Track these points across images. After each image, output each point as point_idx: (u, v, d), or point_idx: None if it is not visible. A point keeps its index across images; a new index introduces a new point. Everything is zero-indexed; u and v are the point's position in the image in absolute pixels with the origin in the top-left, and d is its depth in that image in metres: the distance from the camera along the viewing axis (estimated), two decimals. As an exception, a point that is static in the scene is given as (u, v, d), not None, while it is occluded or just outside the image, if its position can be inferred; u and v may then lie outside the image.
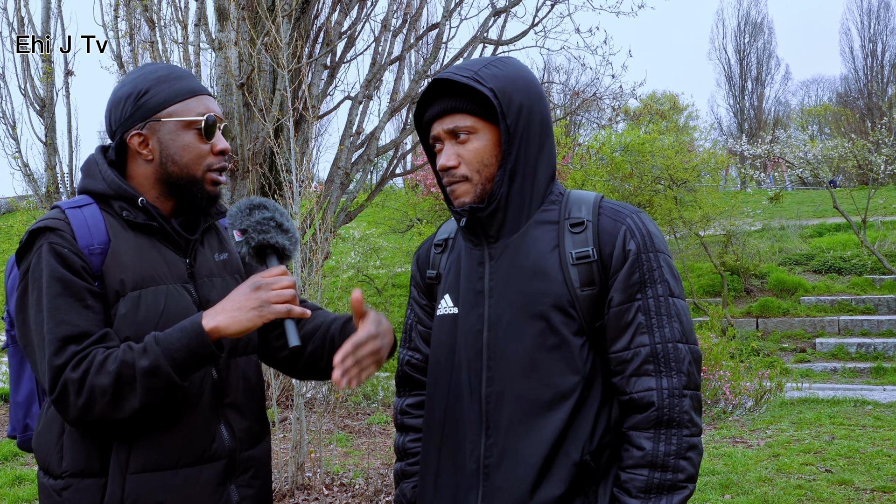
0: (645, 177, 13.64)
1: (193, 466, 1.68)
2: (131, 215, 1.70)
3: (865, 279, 13.06)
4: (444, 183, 1.68)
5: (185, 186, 1.74)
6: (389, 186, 14.98)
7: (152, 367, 1.54)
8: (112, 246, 1.66)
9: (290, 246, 1.68)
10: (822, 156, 15.19)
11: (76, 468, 1.63)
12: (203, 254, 1.81)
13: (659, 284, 1.58)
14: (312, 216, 5.20)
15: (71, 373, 1.54)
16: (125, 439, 1.62)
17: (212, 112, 1.76)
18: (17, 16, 6.30)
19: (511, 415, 1.60)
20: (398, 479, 1.87)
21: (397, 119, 15.69)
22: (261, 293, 1.59)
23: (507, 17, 6.47)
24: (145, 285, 1.66)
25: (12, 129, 6.45)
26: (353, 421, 7.47)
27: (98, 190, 1.72)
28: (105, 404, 1.54)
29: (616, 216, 1.63)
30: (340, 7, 5.92)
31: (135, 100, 1.73)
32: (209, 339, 1.57)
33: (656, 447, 1.54)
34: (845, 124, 30.70)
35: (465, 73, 1.61)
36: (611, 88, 14.14)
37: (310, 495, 4.77)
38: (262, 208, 1.67)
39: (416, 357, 1.86)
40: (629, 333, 1.58)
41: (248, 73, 5.06)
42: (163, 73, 1.76)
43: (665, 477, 1.53)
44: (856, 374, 10.32)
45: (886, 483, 4.89)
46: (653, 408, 1.54)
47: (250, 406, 1.82)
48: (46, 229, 1.64)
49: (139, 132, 1.73)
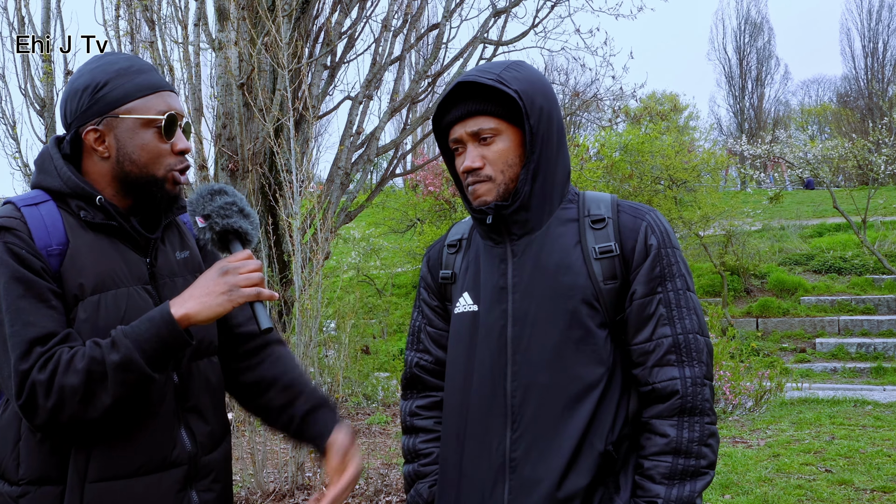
0: (645, 177, 13.65)
1: (154, 473, 1.62)
2: (89, 215, 1.62)
3: (865, 279, 13.06)
4: (467, 183, 1.71)
5: (144, 186, 1.67)
6: (389, 186, 14.99)
7: (123, 360, 1.49)
8: (70, 247, 1.59)
9: (252, 231, 1.66)
10: (822, 156, 15.19)
11: (34, 475, 1.57)
12: (164, 253, 1.75)
13: (678, 279, 1.65)
14: (313, 216, 5.20)
15: (38, 374, 1.48)
16: (83, 446, 1.57)
17: (173, 110, 1.68)
18: (18, 16, 6.30)
19: (537, 408, 1.63)
20: (411, 480, 1.87)
21: (397, 119, 15.69)
22: (229, 277, 1.56)
23: (508, 17, 6.48)
24: (105, 288, 1.60)
25: (12, 129, 6.46)
26: (353, 421, 7.48)
27: (54, 187, 1.64)
28: (76, 404, 1.48)
29: (636, 213, 1.70)
30: (340, 7, 5.92)
31: (91, 93, 1.64)
32: (180, 328, 1.52)
33: (680, 434, 1.59)
34: (845, 124, 30.72)
35: (489, 76, 1.65)
36: (611, 89, 14.14)
37: (310, 495, 4.76)
38: (223, 193, 1.64)
39: (425, 359, 1.87)
40: (651, 325, 1.63)
41: (249, 73, 5.06)
42: (122, 66, 1.67)
43: (689, 463, 1.58)
44: (856, 374, 10.32)
45: (886, 483, 4.89)
46: (676, 396, 1.59)
47: (211, 409, 1.76)
48: (2, 229, 1.56)
49: (95, 127, 1.64)
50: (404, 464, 1.90)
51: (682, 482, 1.58)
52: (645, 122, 17.80)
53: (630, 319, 1.65)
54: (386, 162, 11.54)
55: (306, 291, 4.73)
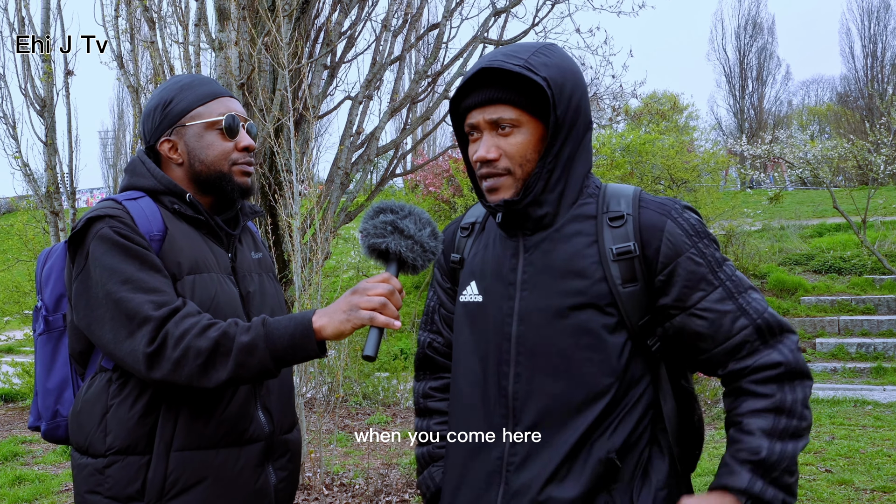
0: (645, 177, 13.65)
1: (233, 447, 1.73)
2: (181, 208, 1.78)
3: (865, 279, 13.05)
4: (481, 174, 1.61)
5: (215, 182, 1.81)
6: (389, 186, 14.98)
7: (250, 344, 1.58)
8: (169, 233, 1.73)
9: (405, 251, 1.58)
10: (821, 156, 15.18)
11: (122, 445, 1.66)
12: (242, 251, 1.90)
13: (723, 266, 1.55)
14: (312, 216, 5.19)
15: (173, 328, 1.58)
16: (170, 416, 1.67)
17: (232, 111, 1.84)
18: (18, 16, 6.30)
19: (539, 413, 1.56)
20: (424, 463, 1.84)
21: (397, 119, 15.70)
22: (354, 297, 1.59)
23: (508, 17, 6.47)
24: (199, 271, 1.73)
25: (12, 129, 6.45)
26: (353, 421, 7.47)
27: (147, 186, 1.80)
28: (196, 367, 1.57)
29: (660, 209, 1.57)
30: (340, 7, 5.91)
31: (162, 109, 1.83)
32: (313, 336, 1.59)
33: (783, 395, 1.49)
34: (845, 124, 30.70)
35: (516, 62, 1.52)
36: (611, 88, 14.12)
37: (310, 495, 4.76)
38: (387, 212, 1.61)
39: (438, 340, 1.84)
40: (724, 325, 1.52)
41: (249, 73, 5.06)
42: (185, 82, 1.86)
43: (791, 423, 1.48)
44: (856, 374, 10.31)
45: (886, 483, 4.88)
46: (781, 366, 1.50)
47: (284, 393, 1.88)
48: (105, 216, 1.69)
49: (168, 138, 1.83)
50: (417, 446, 1.87)
51: (784, 441, 1.47)
52: (645, 122, 17.80)
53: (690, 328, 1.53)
54: (386, 162, 11.54)
55: (306, 291, 4.73)
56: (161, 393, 1.68)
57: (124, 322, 1.59)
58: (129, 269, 1.63)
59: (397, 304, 1.59)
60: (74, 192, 6.55)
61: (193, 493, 1.67)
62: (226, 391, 1.71)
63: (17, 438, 7.33)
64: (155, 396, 1.68)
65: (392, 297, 1.57)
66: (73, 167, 6.46)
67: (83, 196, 31.73)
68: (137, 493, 1.65)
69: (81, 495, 1.71)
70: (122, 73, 5.73)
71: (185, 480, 1.67)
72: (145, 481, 1.65)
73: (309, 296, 4.74)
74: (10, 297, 14.33)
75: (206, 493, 1.68)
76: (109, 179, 41.73)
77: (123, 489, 1.65)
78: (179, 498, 1.66)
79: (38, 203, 6.44)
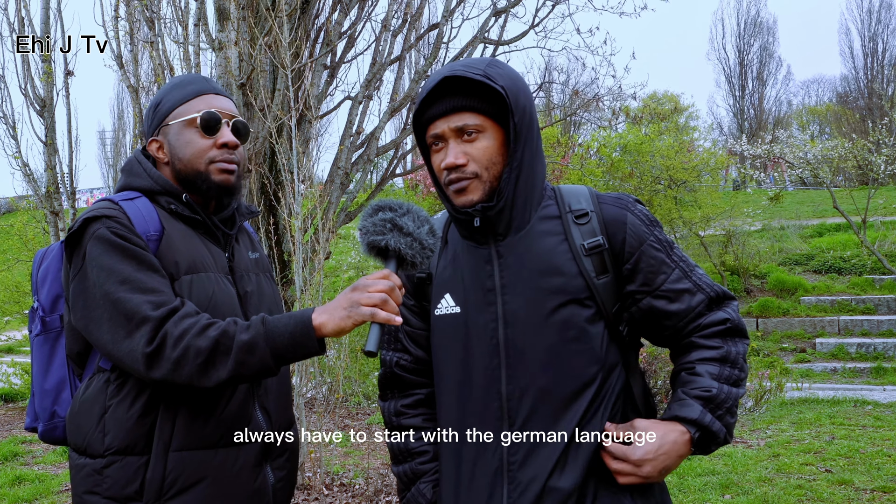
0: (645, 177, 13.65)
1: (232, 447, 1.72)
2: (178, 208, 1.78)
3: (865, 279, 13.05)
4: (447, 181, 1.66)
5: (193, 180, 1.80)
6: (389, 186, 14.98)
7: (250, 342, 1.58)
8: (166, 233, 1.73)
9: (404, 248, 1.58)
10: (822, 156, 15.18)
11: (120, 445, 1.66)
12: (239, 250, 1.90)
13: (674, 249, 1.71)
14: (313, 216, 5.19)
15: (172, 327, 1.58)
16: (169, 416, 1.67)
17: (212, 108, 1.81)
18: (18, 16, 6.29)
19: (534, 409, 1.62)
20: (409, 480, 1.81)
21: (397, 119, 15.70)
22: (355, 294, 1.58)
23: (508, 17, 6.46)
24: (196, 271, 1.73)
25: (12, 129, 6.45)
26: (353, 421, 7.47)
27: (144, 186, 1.80)
28: (196, 366, 1.57)
29: (619, 204, 1.71)
30: (340, 7, 5.91)
31: (152, 111, 1.85)
32: (314, 333, 1.59)
33: (728, 347, 1.66)
34: (845, 124, 30.70)
35: (476, 71, 1.60)
36: (611, 89, 14.13)
37: (310, 495, 4.76)
38: (386, 210, 1.61)
39: (405, 358, 1.82)
40: (685, 301, 1.68)
41: (249, 72, 5.06)
42: (177, 82, 1.87)
43: (734, 372, 1.65)
44: (856, 374, 10.31)
45: (886, 483, 4.88)
46: (728, 322, 1.67)
47: (282, 393, 1.88)
48: (102, 216, 1.68)
49: (155, 138, 1.84)
50: (394, 464, 1.85)
51: (729, 385, 1.63)
52: (646, 123, 17.80)
53: (657, 308, 1.67)
54: (386, 162, 11.54)
55: (307, 291, 4.73)
56: (159, 393, 1.67)
57: (122, 322, 1.59)
58: (127, 270, 1.62)
59: (398, 300, 1.59)
60: (74, 192, 6.55)
61: (192, 494, 1.67)
62: (224, 391, 1.71)
63: (16, 438, 7.34)
64: (153, 396, 1.68)
65: (392, 294, 1.58)
66: (73, 167, 6.46)
67: (83, 196, 31.70)
68: (136, 493, 1.65)
69: (80, 496, 1.71)
70: (122, 74, 5.73)
71: (183, 480, 1.66)
72: (144, 481, 1.65)
73: (310, 296, 4.74)
74: (10, 297, 14.33)
75: (205, 494, 1.68)
76: (109, 179, 41.74)
77: (122, 489, 1.65)
78: (178, 498, 1.66)
79: (38, 203, 6.43)
